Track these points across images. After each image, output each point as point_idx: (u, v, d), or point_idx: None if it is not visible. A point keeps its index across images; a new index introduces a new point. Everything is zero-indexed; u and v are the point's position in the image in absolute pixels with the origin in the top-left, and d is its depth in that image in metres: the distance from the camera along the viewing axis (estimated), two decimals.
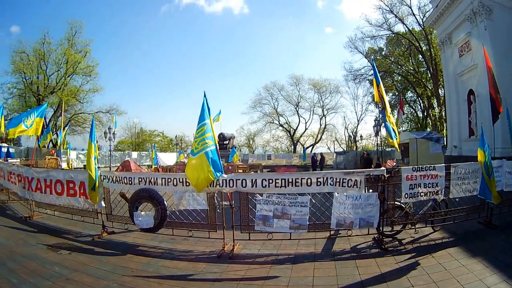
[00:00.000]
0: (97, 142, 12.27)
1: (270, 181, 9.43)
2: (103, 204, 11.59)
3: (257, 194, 9.58)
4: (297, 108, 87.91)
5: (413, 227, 10.34)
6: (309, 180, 9.30)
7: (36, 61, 61.77)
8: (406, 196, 9.76)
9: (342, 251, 9.50)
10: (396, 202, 10.12)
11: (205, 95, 9.33)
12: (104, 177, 11.42)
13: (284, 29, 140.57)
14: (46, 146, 50.48)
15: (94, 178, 11.01)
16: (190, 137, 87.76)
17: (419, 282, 7.19)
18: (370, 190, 9.46)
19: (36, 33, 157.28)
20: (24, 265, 8.64)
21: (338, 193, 9.25)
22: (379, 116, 41.12)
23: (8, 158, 25.56)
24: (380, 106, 10.81)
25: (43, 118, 16.13)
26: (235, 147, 51.04)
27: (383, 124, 12.32)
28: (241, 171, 29.14)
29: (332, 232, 10.11)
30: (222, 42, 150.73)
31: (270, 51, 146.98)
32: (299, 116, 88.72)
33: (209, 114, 9.35)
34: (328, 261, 8.78)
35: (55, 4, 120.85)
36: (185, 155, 53.01)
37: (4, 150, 32.89)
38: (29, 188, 13.80)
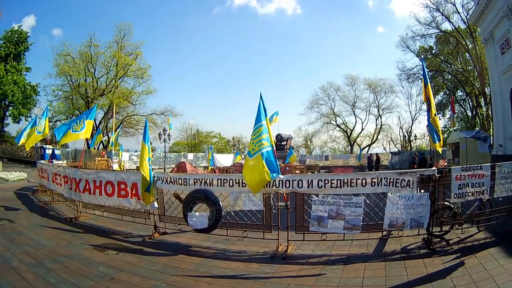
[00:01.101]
0: (151, 143, 11.99)
1: (326, 181, 9.13)
2: (156, 205, 11.37)
3: (313, 195, 9.29)
4: (354, 108, 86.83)
5: (460, 227, 9.93)
6: (364, 181, 9.00)
7: (82, 64, 61.80)
8: (455, 196, 9.32)
9: (393, 252, 9.21)
10: (445, 202, 9.75)
11: (261, 97, 9.20)
12: (158, 178, 11.23)
13: (337, 29, 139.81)
14: (96, 148, 51.16)
15: (149, 179, 10.87)
16: (247, 138, 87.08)
17: (460, 282, 6.95)
18: (422, 191, 9.07)
19: (79, 36, 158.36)
20: (65, 265, 8.36)
21: (391, 194, 8.93)
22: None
23: (54, 160, 25.49)
24: (427, 107, 10.49)
25: (93, 120, 15.79)
26: (293, 148, 50.45)
27: (427, 125, 11.91)
28: (298, 172, 28.93)
29: (384, 233, 9.75)
30: (277, 43, 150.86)
31: (325, 51, 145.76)
32: (355, 116, 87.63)
33: (266, 115, 9.20)
34: (378, 262, 8.51)
35: (104, 7, 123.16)
36: (242, 156, 51.49)
37: (49, 152, 33.15)
38: (77, 189, 13.66)
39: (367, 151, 79.68)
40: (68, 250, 9.70)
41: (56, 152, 34.36)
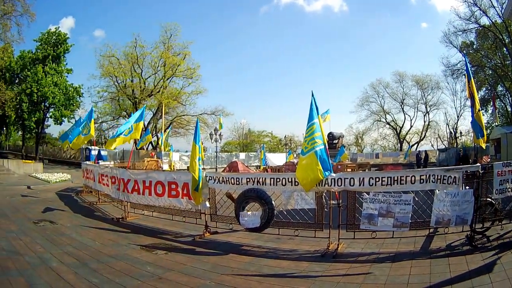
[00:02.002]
0: (202, 143, 11.91)
1: (377, 179, 9.04)
2: (208, 205, 11.31)
3: (364, 193, 9.17)
4: (402, 105, 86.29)
5: (499, 223, 9.73)
6: (413, 178, 8.86)
7: (128, 65, 60.97)
8: (496, 192, 9.10)
9: (438, 249, 9.02)
10: (487, 199, 9.51)
11: (313, 95, 9.09)
12: (210, 178, 11.20)
13: (383, 26, 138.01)
14: (145, 148, 51.22)
15: (198, 179, 10.74)
16: (299, 137, 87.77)
17: (497, 278, 6.83)
18: (467, 187, 8.89)
19: (123, 37, 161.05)
20: (110, 265, 8.29)
21: (438, 191, 8.76)
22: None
23: (100, 161, 25.65)
24: (471, 102, 10.46)
25: (142, 121, 15.74)
26: (344, 146, 50.52)
27: (471, 121, 11.76)
28: (350, 170, 29.02)
29: (431, 230, 9.70)
30: (325, 40, 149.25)
31: (372, 48, 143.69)
32: (404, 114, 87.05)
33: (318, 113, 9.12)
34: (424, 259, 8.37)
35: (148, 8, 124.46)
36: (295, 155, 52.53)
37: (94, 153, 33.31)
38: (125, 190, 13.69)
39: (416, 149, 78.82)
40: (114, 250, 9.64)
41: (103, 153, 34.50)
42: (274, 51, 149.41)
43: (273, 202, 9.78)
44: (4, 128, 75.33)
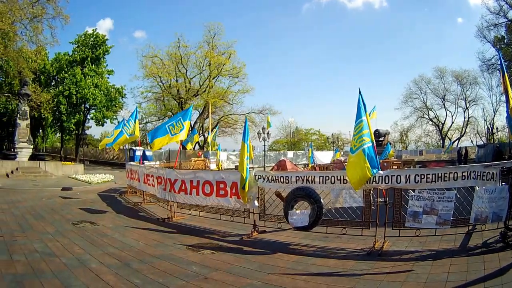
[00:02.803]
0: (250, 142, 11.81)
1: (422, 176, 8.95)
2: (257, 204, 11.32)
3: (410, 190, 9.11)
4: (444, 101, 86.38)
5: None
6: (455, 175, 8.82)
7: (172, 65, 62.77)
8: None
9: (475, 246, 9.10)
10: None
11: (360, 92, 9.12)
12: (260, 177, 11.24)
13: (422, 21, 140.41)
14: (192, 148, 51.49)
15: (245, 178, 10.76)
16: (346, 135, 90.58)
17: None
18: (503, 183, 8.78)
19: (164, 37, 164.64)
20: (153, 265, 8.31)
21: (478, 187, 8.71)
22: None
23: (145, 161, 25.74)
24: (505, 98, 10.34)
25: (189, 121, 15.73)
26: (390, 144, 49.89)
27: (506, 117, 11.51)
28: (395, 167, 28.72)
29: (470, 227, 9.60)
30: (367, 37, 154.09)
31: (412, 43, 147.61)
32: (445, 110, 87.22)
33: (365, 111, 9.17)
34: (462, 257, 8.42)
35: (189, 8, 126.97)
36: (342, 153, 52.88)
37: (139, 153, 33.81)
38: (171, 190, 13.82)
39: (457, 145, 78.50)
40: (158, 251, 9.68)
41: (148, 153, 34.65)
42: (320, 48, 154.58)
43: (322, 201, 9.77)
44: (41, 130, 77.37)
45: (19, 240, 10.30)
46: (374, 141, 9.52)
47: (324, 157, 56.09)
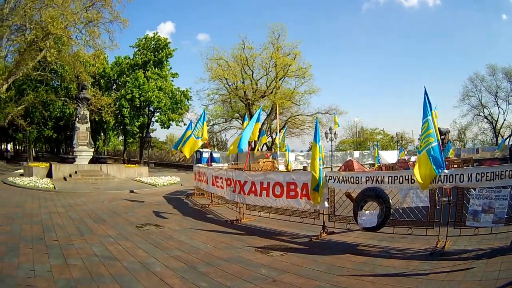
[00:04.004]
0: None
1: (482, 174, 8.98)
2: (327, 205, 11.45)
3: (471, 189, 9.22)
4: (496, 99, 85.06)
5: None
6: (510, 172, 8.76)
7: (238, 67, 62.37)
8: None
9: None
10: None
11: (425, 91, 9.25)
12: (330, 178, 11.38)
13: (473, 18, 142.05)
14: (260, 149, 51.57)
15: (318, 179, 10.93)
16: (410, 134, 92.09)
17: None
18: None
19: (227, 40, 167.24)
20: (221, 268, 8.39)
21: None
22: None
23: (213, 163, 25.94)
24: None
25: (259, 123, 16.04)
26: (450, 142, 49.00)
27: None
28: (456, 166, 29.02)
29: None
30: (425, 35, 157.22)
31: (469, 40, 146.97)
32: (498, 107, 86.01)
33: (431, 110, 9.31)
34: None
35: (250, 10, 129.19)
36: (406, 152, 53.44)
37: (206, 155, 34.06)
38: (241, 192, 14.17)
39: (508, 142, 77.49)
40: (226, 253, 9.84)
41: (215, 155, 35.00)
42: (381, 47, 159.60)
43: (390, 201, 9.86)
44: (102, 134, 79.66)
45: (76, 244, 10.50)
46: (440, 140, 9.58)
47: (389, 156, 55.78)
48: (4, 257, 8.66)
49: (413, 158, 39.82)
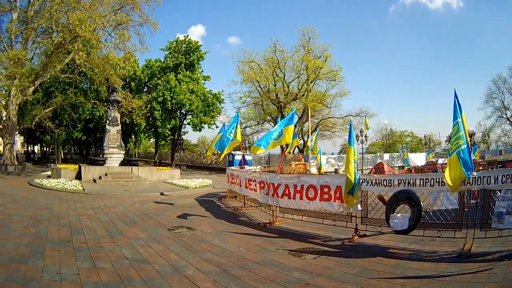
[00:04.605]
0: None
1: (507, 176, 8.97)
2: (360, 208, 11.52)
3: (497, 191, 9.25)
4: None
5: None
6: None
7: (269, 69, 63.72)
8: None
9: None
10: None
11: (455, 94, 9.34)
12: (364, 180, 11.46)
13: (493, 20, 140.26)
14: (292, 152, 51.57)
15: (353, 182, 11.01)
16: (437, 136, 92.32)
17: None
18: None
19: (258, 42, 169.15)
20: (254, 271, 8.43)
21: None
22: None
23: (246, 166, 25.94)
24: None
25: (292, 125, 15.85)
26: (476, 144, 49.14)
27: None
28: (481, 168, 28.60)
29: None
30: (448, 37, 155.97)
31: (489, 43, 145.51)
32: None
33: (461, 112, 9.35)
34: None
35: (282, 13, 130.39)
36: (434, 155, 53.37)
37: (238, 158, 34.51)
38: (274, 194, 14.28)
39: None
40: (259, 256, 9.90)
41: (247, 158, 34.97)
42: (411, 49, 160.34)
43: (421, 203, 9.91)
44: (133, 136, 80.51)
45: (105, 246, 10.60)
46: (469, 142, 9.66)
47: (417, 159, 55.29)
48: (28, 260, 8.70)
49: (440, 160, 40.42)
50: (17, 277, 7.33)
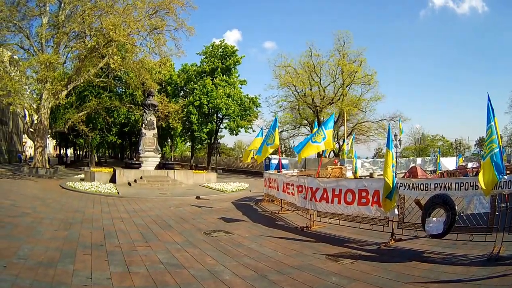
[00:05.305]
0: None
1: None
2: (397, 212, 11.60)
3: None
4: None
5: None
6: None
7: (305, 74, 64.01)
8: None
9: None
10: None
11: (488, 98, 9.37)
12: (401, 185, 11.50)
13: None
14: (327, 156, 52.57)
15: (392, 186, 11.11)
16: (466, 140, 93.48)
17: None
18: None
19: (293, 47, 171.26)
20: (292, 276, 8.46)
21: None
22: None
23: (282, 170, 25.98)
24: None
25: (332, 129, 15.99)
26: (503, 148, 48.60)
27: None
28: (508, 172, 27.77)
29: None
30: (475, 41, 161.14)
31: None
32: None
33: (494, 116, 9.40)
34: None
35: (317, 18, 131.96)
36: (464, 159, 52.66)
37: (275, 162, 34.36)
38: (312, 199, 14.39)
39: None
40: (297, 261, 9.94)
41: (284, 161, 34.99)
42: (441, 54, 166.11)
43: (456, 208, 9.92)
44: (169, 140, 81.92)
45: (140, 250, 10.67)
46: (502, 146, 9.89)
47: (448, 163, 54.89)
48: (57, 264, 8.67)
49: (469, 164, 40.01)
50: (44, 282, 7.36)
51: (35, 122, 42.47)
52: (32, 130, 42.30)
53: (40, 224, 13.54)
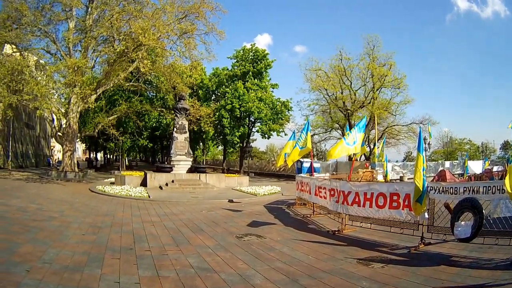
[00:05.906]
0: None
1: None
2: (427, 216, 11.57)
3: None
4: None
5: None
6: None
7: (336, 77, 63.90)
8: None
9: None
10: None
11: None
12: (431, 188, 11.50)
13: None
14: (358, 159, 52.53)
15: (422, 190, 11.08)
16: (492, 144, 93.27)
17: None
18: None
19: (324, 51, 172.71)
20: (323, 281, 8.48)
21: None
22: None
23: (314, 173, 25.99)
24: None
25: (363, 133, 16.24)
26: None
27: None
28: None
29: None
30: (497, 45, 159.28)
31: None
32: None
33: None
34: None
35: (346, 22, 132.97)
36: (490, 162, 52.38)
37: (306, 165, 34.81)
38: (344, 202, 14.46)
39: None
40: (328, 265, 9.97)
41: (315, 165, 34.98)
42: (467, 58, 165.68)
43: (484, 211, 9.97)
44: (201, 143, 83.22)
45: (170, 254, 10.77)
46: None
47: (475, 166, 54.56)
48: (83, 268, 8.80)
49: (495, 168, 39.91)
50: (69, 286, 7.49)
51: (64, 126, 43.25)
52: (61, 134, 43.19)
53: (67, 228, 13.90)
